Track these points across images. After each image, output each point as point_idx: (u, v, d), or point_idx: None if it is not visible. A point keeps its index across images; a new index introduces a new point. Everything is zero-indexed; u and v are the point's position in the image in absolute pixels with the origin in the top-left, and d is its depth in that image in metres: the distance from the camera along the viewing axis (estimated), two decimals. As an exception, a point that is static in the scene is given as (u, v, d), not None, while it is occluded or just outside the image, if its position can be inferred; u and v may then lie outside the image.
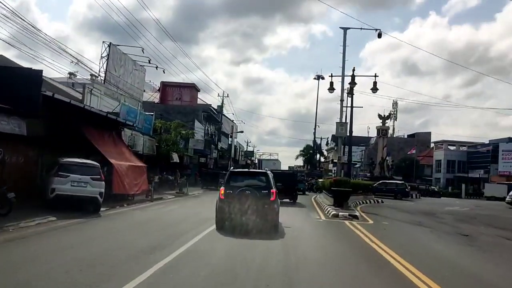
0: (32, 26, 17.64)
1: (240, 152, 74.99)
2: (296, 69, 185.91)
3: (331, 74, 26.77)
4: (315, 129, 71.82)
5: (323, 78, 78.23)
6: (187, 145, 42.92)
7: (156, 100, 51.58)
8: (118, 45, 33.52)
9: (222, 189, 11.67)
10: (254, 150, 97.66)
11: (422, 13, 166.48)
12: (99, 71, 30.48)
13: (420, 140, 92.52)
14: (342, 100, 24.75)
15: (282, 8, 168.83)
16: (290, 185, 24.25)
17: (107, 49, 31.07)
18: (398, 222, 16.81)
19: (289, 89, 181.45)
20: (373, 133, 79.45)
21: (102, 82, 29.76)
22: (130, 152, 20.78)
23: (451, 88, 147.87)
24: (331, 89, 27.27)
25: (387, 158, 51.37)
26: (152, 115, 28.78)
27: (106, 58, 30.82)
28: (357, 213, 16.60)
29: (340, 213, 16.21)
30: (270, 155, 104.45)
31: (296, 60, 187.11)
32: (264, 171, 13.82)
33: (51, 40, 19.77)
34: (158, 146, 27.79)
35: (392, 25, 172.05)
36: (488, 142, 74.75)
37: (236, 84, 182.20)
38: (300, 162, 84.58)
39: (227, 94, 53.16)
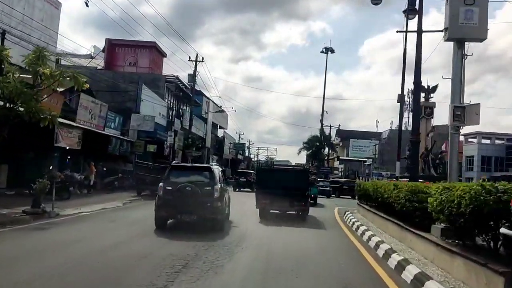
0: None
1: (229, 144, 58.79)
2: (296, 67, 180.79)
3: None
4: (322, 115, 55.92)
5: (332, 52, 63.00)
6: (126, 125, 26.93)
7: (101, 65, 35.73)
8: None
9: (161, 185, 10.86)
10: (248, 144, 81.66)
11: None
12: None
13: (441, 133, 77.92)
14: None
15: (278, 4, 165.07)
16: (300, 188, 14.90)
17: None
18: None
19: (289, 87, 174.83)
20: (382, 128, 72.25)
21: None
22: None
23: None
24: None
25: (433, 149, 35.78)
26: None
27: None
28: None
29: None
30: (267, 149, 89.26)
31: (296, 58, 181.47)
32: (209, 166, 12.66)
33: None
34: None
35: (391, 22, 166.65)
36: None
37: (235, 82, 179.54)
38: (302, 158, 68.09)
39: (202, 58, 36.95)
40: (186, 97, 38.76)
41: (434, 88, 36.58)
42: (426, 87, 36.23)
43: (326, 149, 58.16)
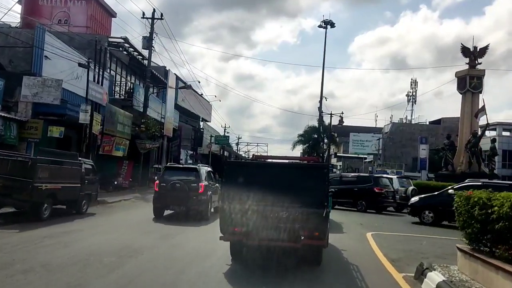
0: None
1: (210, 137, 48.39)
2: (288, 65, 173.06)
3: None
4: (320, 102, 45.63)
5: (332, 26, 52.94)
6: (16, 95, 16.48)
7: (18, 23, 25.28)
8: None
9: (156, 182, 13.45)
10: (237, 140, 71.64)
11: (413, 7, 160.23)
12: None
13: (447, 127, 70.34)
14: None
15: (267, 0, 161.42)
16: (312, 203, 6.85)
17: None
18: None
19: (281, 86, 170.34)
20: (381, 123, 66.05)
21: None
22: None
23: (442, 83, 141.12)
24: None
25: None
26: None
27: None
28: None
29: None
30: (257, 145, 79.57)
31: (287, 56, 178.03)
32: (196, 167, 14.37)
33: None
34: None
35: (383, 19, 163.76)
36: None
37: (226, 81, 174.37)
38: (297, 153, 57.99)
39: (161, 15, 26.46)
40: (142, 69, 28.36)
41: (483, 51, 26.62)
42: (471, 49, 26.33)
43: (326, 143, 47.88)
